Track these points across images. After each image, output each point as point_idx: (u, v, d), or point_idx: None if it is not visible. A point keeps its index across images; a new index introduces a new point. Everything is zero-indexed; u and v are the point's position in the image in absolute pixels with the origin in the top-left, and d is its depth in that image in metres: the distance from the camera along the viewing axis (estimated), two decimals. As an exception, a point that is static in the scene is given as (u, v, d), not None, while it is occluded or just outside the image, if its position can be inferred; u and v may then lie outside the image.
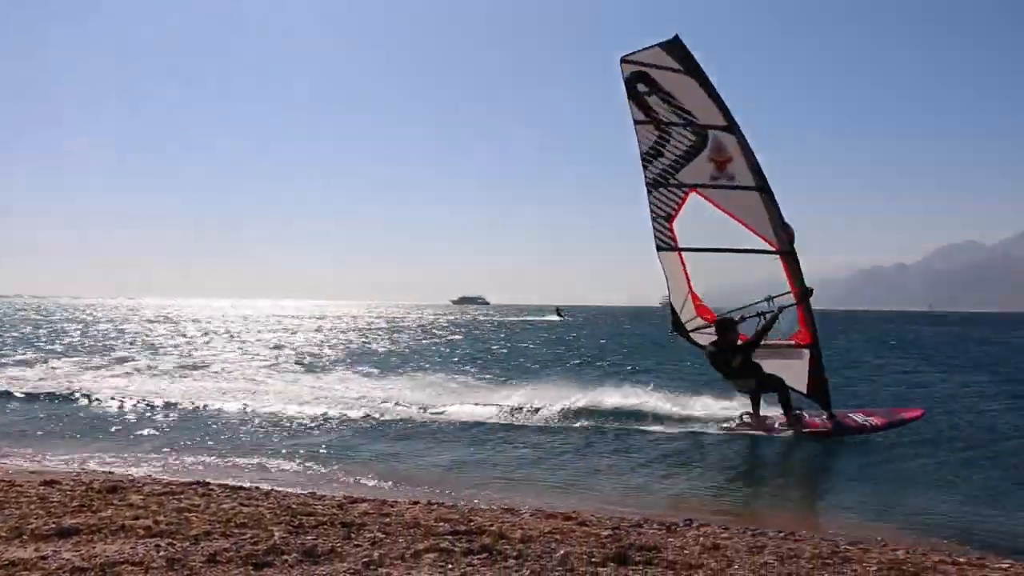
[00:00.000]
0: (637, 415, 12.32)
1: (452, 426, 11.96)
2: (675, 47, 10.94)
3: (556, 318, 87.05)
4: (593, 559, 4.62)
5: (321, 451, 9.93)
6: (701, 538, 5.52)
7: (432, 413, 13.00)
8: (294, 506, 6.05)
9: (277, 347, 30.96)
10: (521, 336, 45.97)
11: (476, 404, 13.56)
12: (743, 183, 11.31)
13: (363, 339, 39.36)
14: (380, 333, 47.17)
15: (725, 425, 11.56)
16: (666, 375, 18.97)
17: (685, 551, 5.04)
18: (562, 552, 4.73)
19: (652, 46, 11.06)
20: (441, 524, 5.42)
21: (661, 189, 11.77)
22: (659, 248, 12.00)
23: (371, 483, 8.23)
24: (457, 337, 43.24)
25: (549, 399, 13.07)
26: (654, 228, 11.94)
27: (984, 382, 19.35)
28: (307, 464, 9.16)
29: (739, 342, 11.24)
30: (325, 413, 12.74)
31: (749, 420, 11.47)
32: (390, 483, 8.23)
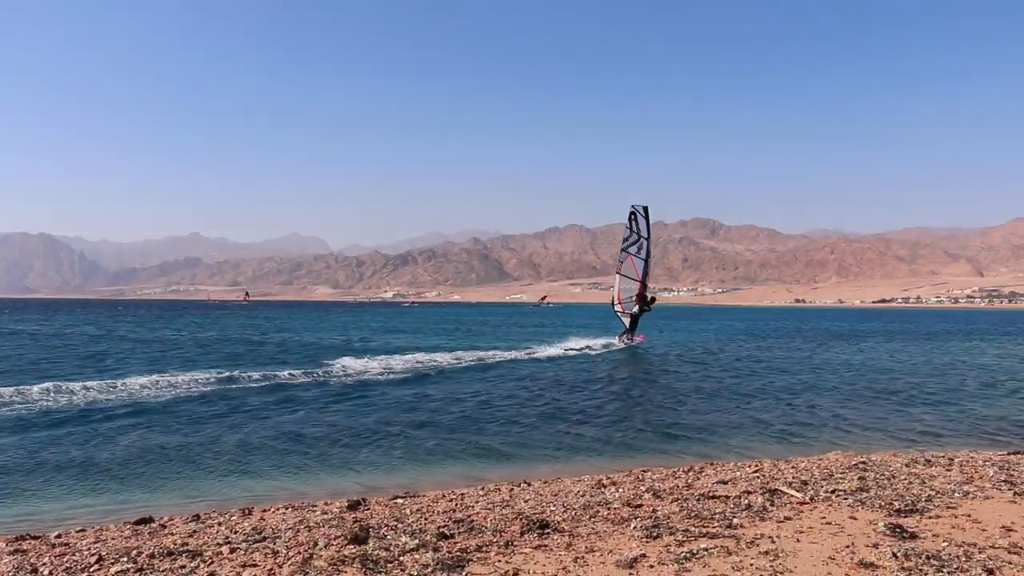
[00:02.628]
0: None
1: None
2: (645, 208, 32.22)
3: None
4: None
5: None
6: None
7: None
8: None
9: None
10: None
11: None
12: (643, 257, 33.33)
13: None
14: None
15: (615, 343, 32.86)
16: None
17: None
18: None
19: (640, 205, 32.02)
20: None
21: (623, 252, 32.61)
22: (616, 272, 32.55)
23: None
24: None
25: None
26: (617, 264, 32.48)
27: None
28: None
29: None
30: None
31: (624, 340, 33.09)
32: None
